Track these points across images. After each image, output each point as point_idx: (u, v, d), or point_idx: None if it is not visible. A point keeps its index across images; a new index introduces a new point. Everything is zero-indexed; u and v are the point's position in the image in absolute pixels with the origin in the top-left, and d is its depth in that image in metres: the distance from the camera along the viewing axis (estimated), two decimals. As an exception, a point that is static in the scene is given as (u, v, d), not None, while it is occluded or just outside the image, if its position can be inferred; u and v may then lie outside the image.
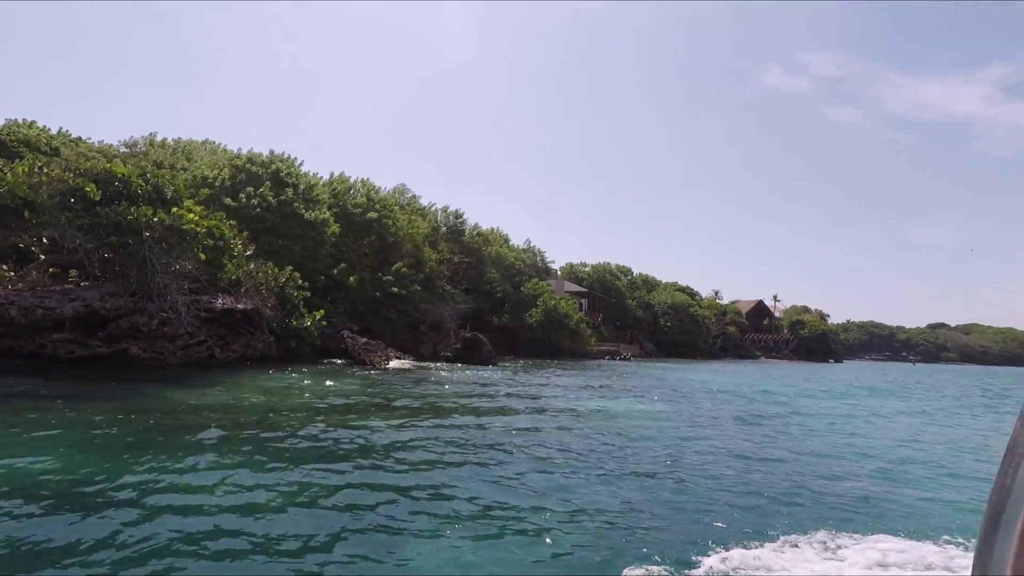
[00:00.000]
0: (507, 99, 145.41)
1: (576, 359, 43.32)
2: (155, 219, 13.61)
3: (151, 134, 29.30)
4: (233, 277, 17.81)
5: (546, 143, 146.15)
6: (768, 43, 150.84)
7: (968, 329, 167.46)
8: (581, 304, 65.60)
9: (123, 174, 13.88)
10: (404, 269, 31.55)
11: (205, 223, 15.54)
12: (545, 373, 23.84)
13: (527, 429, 10.16)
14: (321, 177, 32.19)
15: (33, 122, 23.46)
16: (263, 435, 8.23)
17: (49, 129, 24.45)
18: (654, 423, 11.75)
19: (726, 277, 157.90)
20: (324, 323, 21.21)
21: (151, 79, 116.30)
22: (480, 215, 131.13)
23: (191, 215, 14.52)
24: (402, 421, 10.04)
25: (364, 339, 22.70)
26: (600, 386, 18.91)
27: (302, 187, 26.95)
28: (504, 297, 44.11)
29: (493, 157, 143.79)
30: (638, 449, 9.00)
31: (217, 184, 24.33)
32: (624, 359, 51.91)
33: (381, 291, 30.01)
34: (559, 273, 69.87)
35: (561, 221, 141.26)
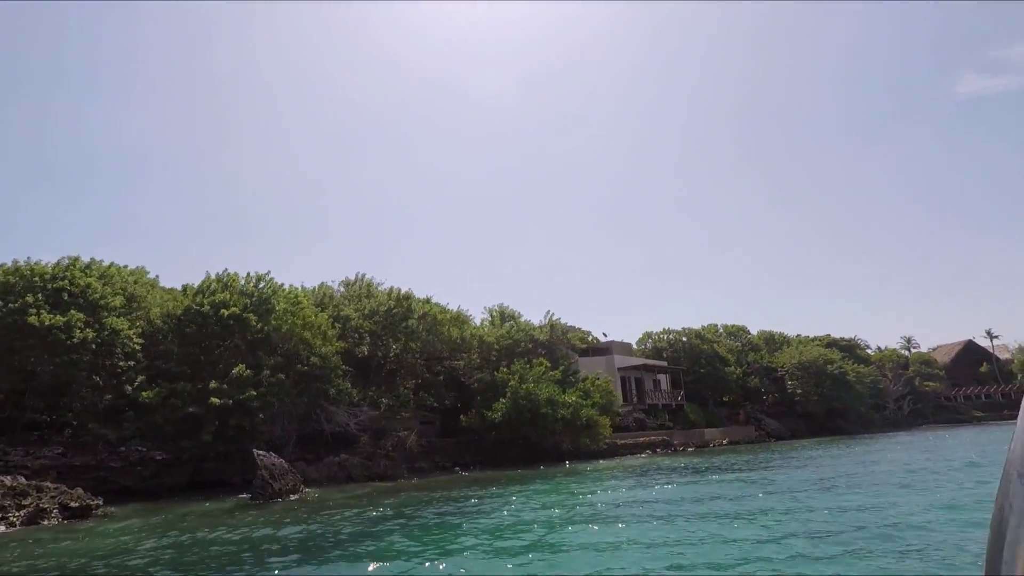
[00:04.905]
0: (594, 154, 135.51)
1: (585, 460, 31.33)
2: None
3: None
4: None
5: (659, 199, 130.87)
6: (944, 51, 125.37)
7: None
8: (657, 382, 52.08)
9: None
10: (245, 372, 24.62)
11: None
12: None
13: None
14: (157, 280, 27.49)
15: None
16: None
17: None
18: None
19: (923, 320, 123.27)
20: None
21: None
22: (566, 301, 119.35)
23: None
24: None
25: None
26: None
27: (71, 290, 22.19)
28: (480, 389, 34.54)
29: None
30: None
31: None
32: (670, 451, 37.64)
33: (199, 404, 23.21)
34: (634, 346, 57.08)
35: (647, 289, 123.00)
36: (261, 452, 19.28)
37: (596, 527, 11.18)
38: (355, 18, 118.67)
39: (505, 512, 13.69)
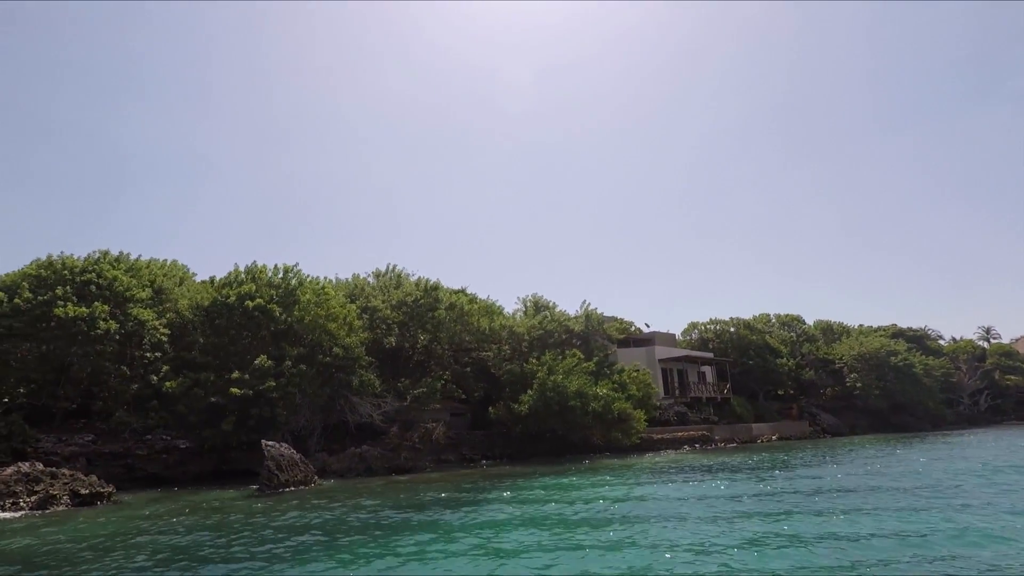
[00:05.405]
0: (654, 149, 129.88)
1: (616, 454, 30.18)
2: None
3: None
4: None
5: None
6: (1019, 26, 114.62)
7: None
8: (702, 374, 49.91)
9: None
10: (267, 363, 24.76)
11: None
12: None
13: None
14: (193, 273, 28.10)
15: None
16: None
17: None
18: None
19: (1006, 310, 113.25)
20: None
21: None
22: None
23: None
24: None
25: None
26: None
27: (99, 283, 22.82)
28: (509, 380, 33.80)
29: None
30: None
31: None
32: (710, 446, 35.84)
33: (222, 394, 23.50)
34: (679, 337, 54.89)
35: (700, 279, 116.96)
36: (270, 443, 19.22)
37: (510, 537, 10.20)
38: (407, 15, 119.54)
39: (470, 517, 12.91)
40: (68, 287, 22.18)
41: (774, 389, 52.99)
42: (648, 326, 53.73)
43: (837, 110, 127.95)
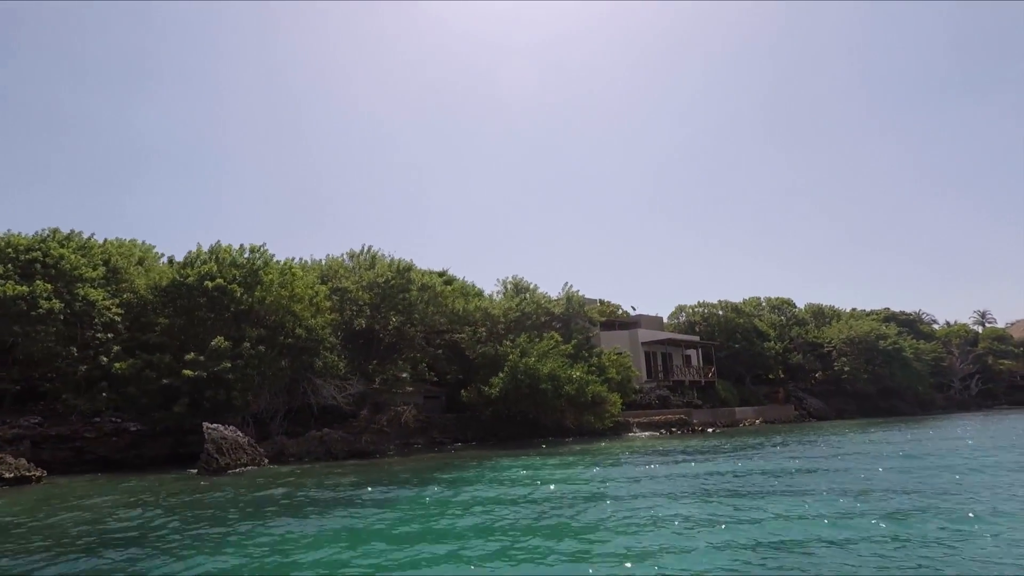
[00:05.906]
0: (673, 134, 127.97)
1: (587, 439, 29.59)
2: None
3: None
4: None
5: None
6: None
7: None
8: (688, 357, 49.24)
9: None
10: (224, 344, 24.05)
11: None
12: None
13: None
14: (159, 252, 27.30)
15: None
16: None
17: None
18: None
19: (1004, 294, 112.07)
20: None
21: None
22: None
23: None
24: None
25: None
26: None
27: (44, 262, 22.07)
28: (483, 363, 33.13)
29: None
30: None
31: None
32: (687, 431, 35.27)
33: (175, 376, 22.83)
34: (666, 321, 54.11)
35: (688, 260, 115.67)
36: (212, 426, 18.61)
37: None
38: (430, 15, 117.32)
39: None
40: (11, 266, 21.44)
41: (762, 373, 52.36)
42: (635, 309, 53.03)
43: (831, 99, 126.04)
